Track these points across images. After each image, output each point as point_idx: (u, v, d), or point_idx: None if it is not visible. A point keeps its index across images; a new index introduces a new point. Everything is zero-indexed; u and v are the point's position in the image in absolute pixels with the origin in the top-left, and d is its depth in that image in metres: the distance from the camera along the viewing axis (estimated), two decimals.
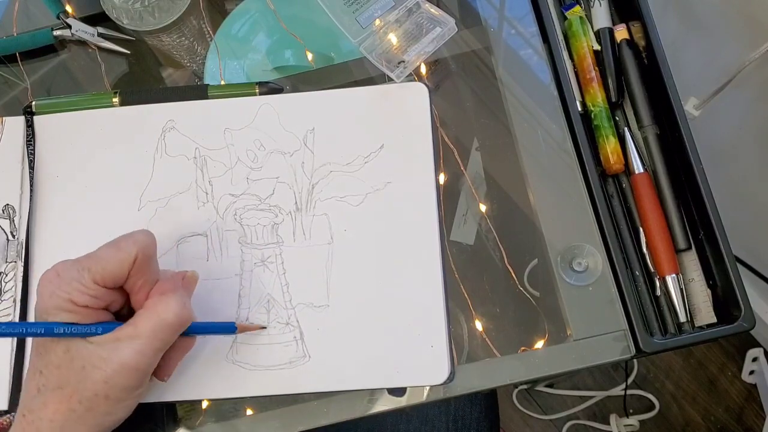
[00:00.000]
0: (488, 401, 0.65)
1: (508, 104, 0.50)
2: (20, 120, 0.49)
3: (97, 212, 0.46)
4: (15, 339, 0.44)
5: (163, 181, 0.47)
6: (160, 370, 0.39)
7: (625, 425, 1.11)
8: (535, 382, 1.11)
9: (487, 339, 0.45)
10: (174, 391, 0.43)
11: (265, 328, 0.43)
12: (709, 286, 0.46)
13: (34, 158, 0.48)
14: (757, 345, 1.15)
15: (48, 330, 0.34)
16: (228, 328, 0.41)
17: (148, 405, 0.42)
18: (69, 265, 0.35)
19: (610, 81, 0.50)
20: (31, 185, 0.47)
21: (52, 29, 0.54)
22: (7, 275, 0.46)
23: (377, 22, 0.51)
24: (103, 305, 0.36)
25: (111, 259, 0.35)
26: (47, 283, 0.35)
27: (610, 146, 0.48)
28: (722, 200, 0.45)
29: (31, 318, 0.44)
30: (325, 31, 0.53)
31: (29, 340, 0.44)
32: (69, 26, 0.53)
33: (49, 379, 0.35)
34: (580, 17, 0.51)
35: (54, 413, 0.34)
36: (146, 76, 0.54)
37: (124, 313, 0.38)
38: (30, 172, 0.47)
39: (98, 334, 0.35)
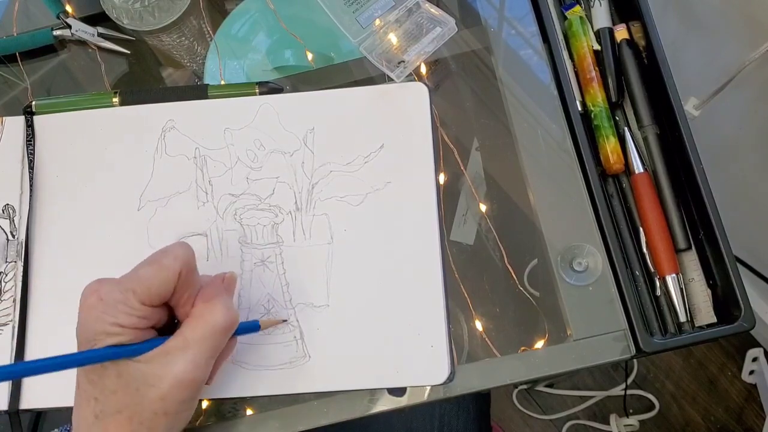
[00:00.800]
0: (478, 405, 0.65)
1: (508, 104, 0.50)
2: (20, 120, 0.49)
3: (97, 212, 0.46)
4: (15, 328, 0.44)
5: (163, 181, 0.47)
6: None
7: (625, 425, 1.11)
8: (535, 382, 1.11)
9: (487, 339, 0.45)
10: None
11: (286, 321, 0.43)
12: (709, 286, 0.46)
13: (33, 158, 0.48)
14: (757, 345, 1.15)
15: (95, 356, 0.33)
16: (253, 327, 0.41)
17: None
18: (112, 287, 0.34)
19: (610, 81, 0.50)
20: (31, 185, 0.47)
21: (52, 29, 0.54)
22: (7, 275, 0.46)
23: (377, 22, 0.51)
24: (151, 324, 0.36)
25: (155, 279, 0.34)
26: (91, 309, 0.34)
27: (610, 146, 0.48)
28: (722, 200, 0.45)
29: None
30: (325, 31, 0.53)
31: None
32: (69, 26, 0.53)
33: (106, 405, 0.34)
34: (580, 17, 0.51)
35: None
36: (146, 76, 0.54)
37: (168, 329, 0.37)
38: (30, 172, 0.47)
39: (147, 351, 0.34)
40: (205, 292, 0.37)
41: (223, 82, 0.52)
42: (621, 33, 0.51)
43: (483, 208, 0.48)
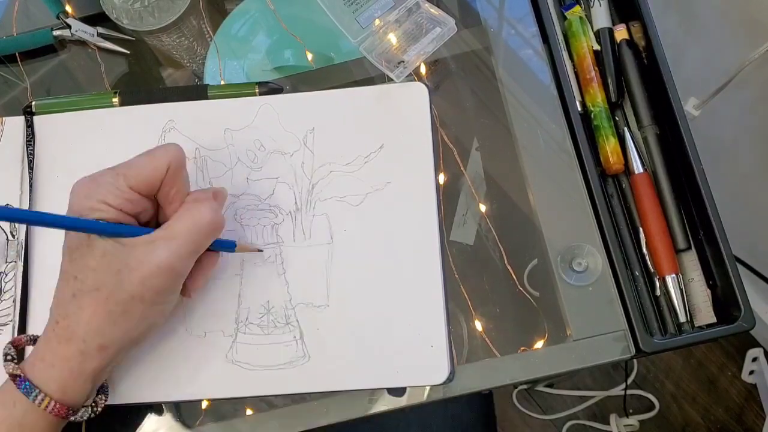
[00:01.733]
0: (484, 403, 0.65)
1: (508, 104, 0.50)
2: (20, 120, 0.49)
3: None
4: (15, 328, 0.44)
5: None
6: (186, 285, 0.39)
7: (625, 425, 1.11)
8: (535, 382, 1.11)
9: (487, 339, 0.45)
10: (174, 391, 0.43)
11: (261, 251, 0.44)
12: (709, 286, 0.46)
13: (33, 158, 0.48)
14: (757, 345, 1.15)
15: (90, 226, 0.35)
16: (229, 245, 0.42)
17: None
18: (104, 171, 0.36)
19: (610, 81, 0.50)
20: (31, 185, 0.47)
21: (52, 29, 0.54)
22: (7, 275, 0.46)
23: (377, 22, 0.51)
24: (136, 211, 0.37)
25: (145, 166, 0.37)
26: (81, 187, 0.36)
27: (610, 146, 0.48)
28: (722, 200, 0.45)
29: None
30: (325, 31, 0.53)
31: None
32: (69, 26, 0.53)
33: (85, 282, 0.35)
34: (580, 17, 0.51)
35: (91, 315, 0.35)
36: (146, 76, 0.54)
37: (152, 226, 0.39)
38: (30, 172, 0.47)
39: (135, 235, 0.35)
40: (195, 194, 0.39)
41: (223, 82, 0.52)
42: (621, 33, 0.51)
43: (483, 208, 0.48)
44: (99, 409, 0.39)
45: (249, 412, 0.44)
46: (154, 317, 0.37)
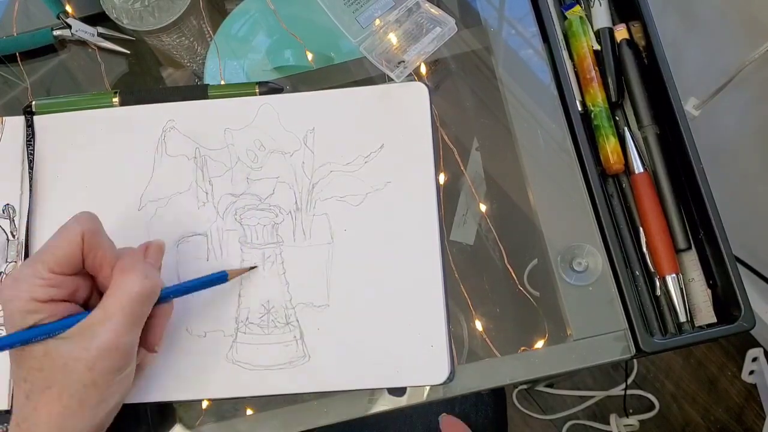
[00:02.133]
0: (495, 403, 0.65)
1: (508, 104, 0.50)
2: (20, 120, 0.49)
3: (97, 212, 0.46)
4: None
5: (164, 181, 0.47)
6: (147, 342, 0.39)
7: (625, 425, 1.11)
8: (535, 382, 1.11)
9: (487, 339, 0.45)
10: (173, 391, 0.43)
11: (256, 267, 0.44)
12: (709, 286, 0.46)
13: (33, 158, 0.48)
14: (757, 345, 1.15)
15: (19, 339, 0.34)
16: (218, 279, 0.41)
17: (136, 409, 0.42)
18: (23, 266, 0.36)
19: (610, 81, 0.50)
20: (31, 185, 0.47)
21: (52, 29, 0.54)
22: (7, 275, 0.46)
23: (377, 22, 0.51)
24: (67, 294, 0.36)
25: (59, 244, 0.36)
26: (6, 290, 0.35)
27: (610, 146, 0.48)
28: (722, 200, 0.45)
29: None
30: (325, 31, 0.53)
31: None
32: (69, 26, 0.53)
33: (35, 383, 0.34)
34: (580, 17, 0.51)
35: (48, 415, 0.34)
36: (146, 76, 0.54)
37: (93, 303, 0.38)
38: (30, 172, 0.47)
39: (69, 327, 0.35)
40: (122, 263, 0.37)
41: (223, 82, 0.52)
42: (621, 33, 0.51)
43: (483, 208, 0.48)
44: None
45: (249, 412, 0.44)
46: (114, 396, 0.36)
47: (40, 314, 0.35)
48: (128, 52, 0.54)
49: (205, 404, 0.44)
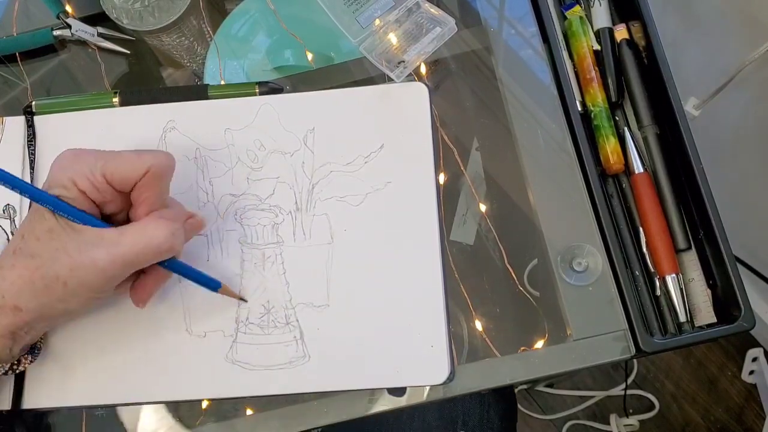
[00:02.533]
0: (503, 402, 0.65)
1: (508, 104, 0.50)
2: (20, 120, 0.49)
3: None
4: None
5: None
6: (137, 293, 0.40)
7: (625, 425, 1.11)
8: (535, 382, 1.12)
9: (487, 339, 0.45)
10: (174, 391, 0.43)
11: (246, 301, 0.44)
12: (709, 286, 0.46)
13: (35, 158, 0.48)
14: (757, 345, 1.15)
15: (42, 197, 0.36)
16: (211, 284, 0.42)
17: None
18: (90, 151, 0.37)
19: (610, 81, 0.50)
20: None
21: (52, 29, 0.54)
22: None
23: (377, 22, 0.51)
24: (102, 200, 0.37)
25: (126, 163, 0.37)
26: (63, 159, 0.37)
27: (610, 146, 0.48)
28: (722, 200, 0.45)
29: None
30: (325, 31, 0.53)
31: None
32: (69, 26, 0.53)
33: (27, 245, 0.36)
34: (580, 17, 0.51)
35: (17, 277, 0.36)
36: (146, 76, 0.54)
37: (119, 220, 0.39)
38: (31, 173, 0.47)
39: (85, 224, 0.36)
40: (164, 212, 0.38)
41: (223, 82, 0.52)
42: (621, 33, 0.51)
43: (483, 208, 0.48)
44: (20, 368, 0.40)
45: (249, 412, 0.44)
46: (71, 305, 0.37)
47: (67, 192, 0.36)
48: (128, 52, 0.54)
49: (205, 404, 0.44)
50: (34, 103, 0.49)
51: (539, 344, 0.44)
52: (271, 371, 0.42)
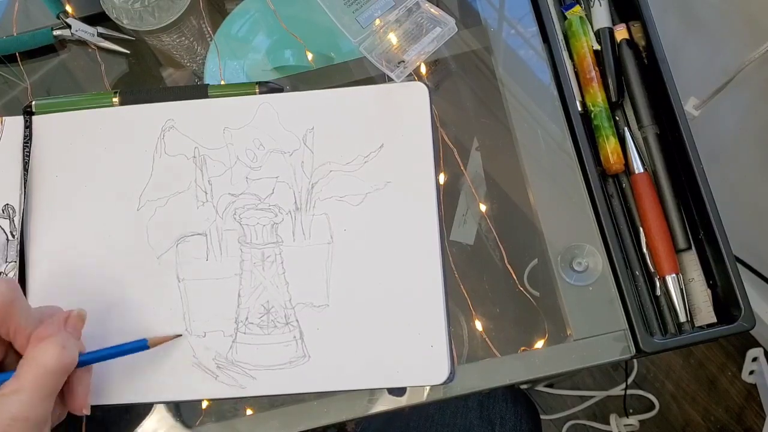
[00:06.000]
0: (531, 409, 0.65)
1: (508, 104, 0.50)
2: (20, 120, 0.49)
3: (97, 212, 0.46)
4: None
5: (163, 181, 0.47)
6: (73, 403, 0.38)
7: (625, 425, 1.11)
8: (535, 382, 1.11)
9: (487, 339, 0.45)
10: (174, 392, 0.43)
11: (180, 336, 0.43)
12: (709, 286, 0.46)
13: (29, 159, 0.48)
14: (757, 345, 1.15)
15: None
16: (138, 345, 0.40)
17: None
18: None
19: (610, 81, 0.50)
20: (26, 186, 0.47)
21: (52, 29, 0.54)
22: (7, 275, 0.46)
23: (377, 22, 0.51)
24: None
25: None
26: None
27: (610, 146, 0.48)
28: (722, 200, 0.45)
29: None
30: (325, 31, 0.53)
31: None
32: (69, 26, 0.53)
33: None
34: (580, 17, 0.51)
35: None
36: (146, 76, 0.54)
37: (9, 362, 0.38)
38: (24, 174, 0.47)
39: None
40: (40, 332, 0.37)
41: (223, 82, 0.52)
42: (621, 33, 0.51)
43: (483, 208, 0.48)
44: None
45: (249, 412, 0.44)
46: None
47: None
48: (128, 52, 0.54)
49: (205, 404, 0.44)
50: (34, 103, 0.49)
51: (539, 344, 0.44)
52: (271, 371, 0.42)
